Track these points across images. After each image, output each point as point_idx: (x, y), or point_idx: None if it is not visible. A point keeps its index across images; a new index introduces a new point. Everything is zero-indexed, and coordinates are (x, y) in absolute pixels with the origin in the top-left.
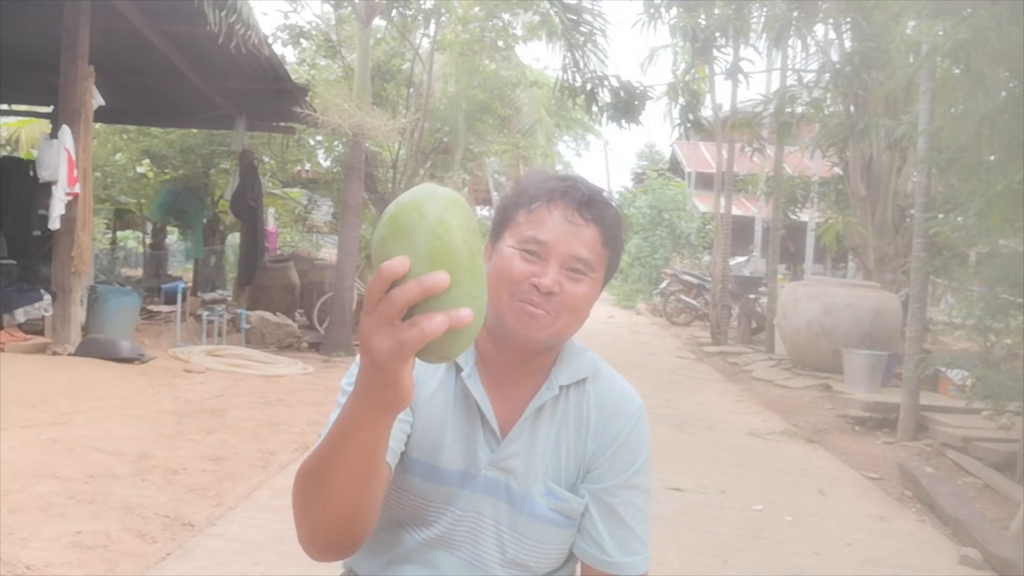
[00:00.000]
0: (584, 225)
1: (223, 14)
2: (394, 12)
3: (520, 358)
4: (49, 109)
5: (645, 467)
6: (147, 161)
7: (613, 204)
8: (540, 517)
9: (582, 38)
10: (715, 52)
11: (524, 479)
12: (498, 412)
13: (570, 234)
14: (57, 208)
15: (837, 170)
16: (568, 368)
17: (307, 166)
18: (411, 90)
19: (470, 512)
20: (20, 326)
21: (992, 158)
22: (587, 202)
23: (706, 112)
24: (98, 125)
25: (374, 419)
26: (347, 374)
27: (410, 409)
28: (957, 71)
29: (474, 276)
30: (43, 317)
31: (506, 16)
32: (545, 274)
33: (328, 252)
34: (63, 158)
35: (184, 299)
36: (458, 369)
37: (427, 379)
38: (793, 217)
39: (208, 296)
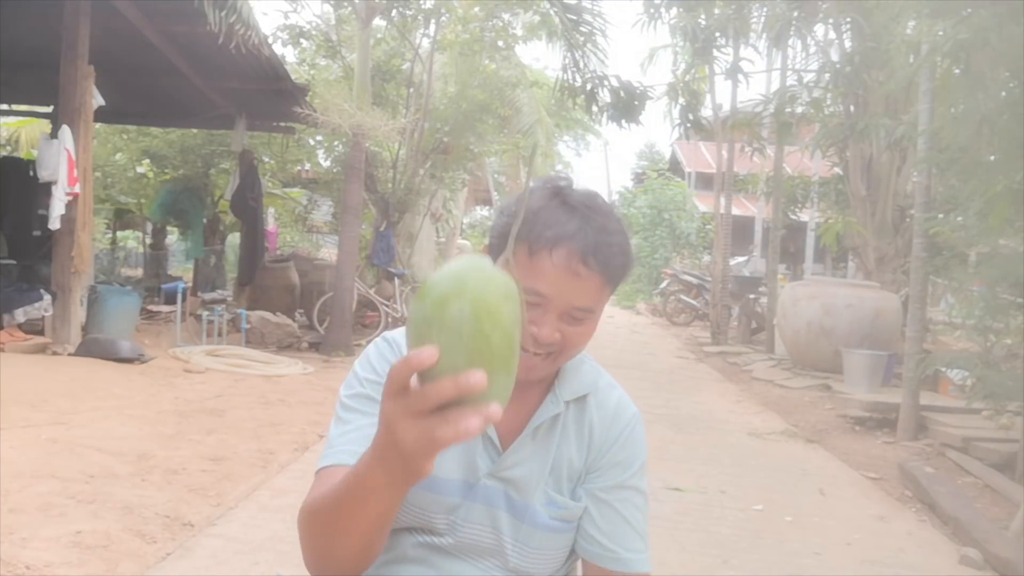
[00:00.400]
0: (588, 277)
1: (223, 14)
2: (394, 12)
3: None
4: (49, 109)
5: (642, 471)
6: (147, 161)
7: (620, 240)
8: (541, 526)
9: (582, 38)
10: (715, 52)
11: (525, 490)
12: (497, 424)
13: (572, 286)
14: (57, 208)
15: (837, 170)
16: (571, 384)
17: (307, 166)
18: (411, 90)
19: (471, 522)
20: (20, 326)
21: (992, 158)
22: (593, 251)
23: (706, 112)
24: (98, 125)
25: (391, 490)
26: (345, 384)
27: None
28: (957, 71)
29: (510, 371)
30: (43, 317)
31: (506, 16)
32: (544, 324)
33: (328, 252)
34: (63, 158)
35: (184, 299)
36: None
37: None
38: (793, 217)
39: (208, 296)
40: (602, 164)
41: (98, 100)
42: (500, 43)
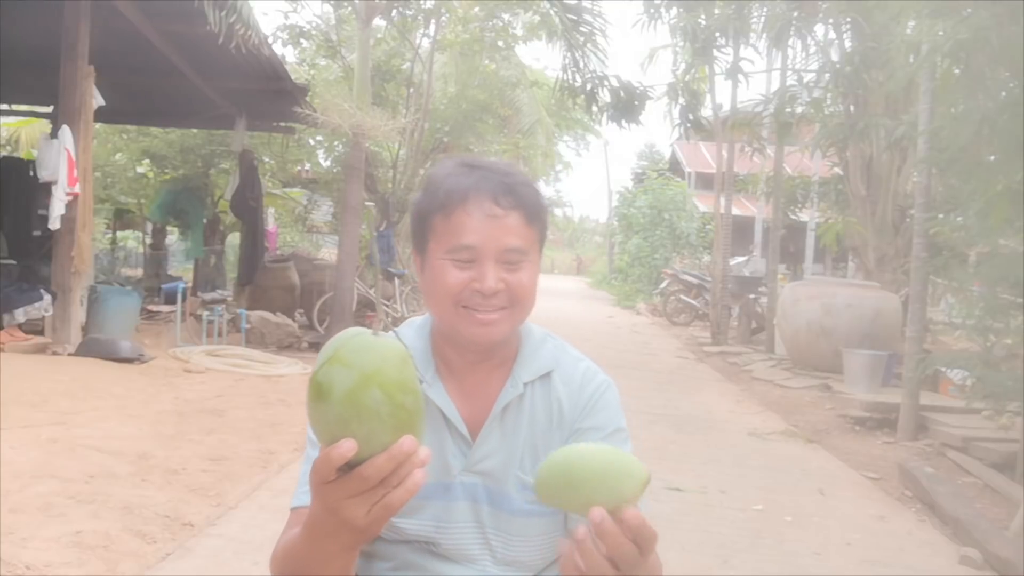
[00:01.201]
0: (505, 214)
1: (223, 14)
2: (394, 12)
3: (480, 356)
4: (49, 109)
5: (620, 437)
6: (147, 161)
7: (526, 179)
8: (517, 511)
9: (582, 38)
10: (715, 52)
11: (500, 478)
12: (464, 414)
13: (495, 228)
14: (57, 208)
15: (837, 170)
16: (530, 363)
17: (307, 166)
18: (411, 90)
19: (454, 522)
20: (20, 326)
21: (992, 158)
22: (499, 190)
23: (706, 112)
24: (98, 125)
25: (349, 554)
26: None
27: None
28: (957, 71)
29: (423, 415)
30: (43, 317)
31: (506, 16)
32: (484, 277)
33: (328, 252)
34: (63, 158)
35: (184, 299)
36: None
37: None
38: (793, 217)
39: (208, 296)
40: (602, 164)
41: (98, 100)
42: (500, 43)
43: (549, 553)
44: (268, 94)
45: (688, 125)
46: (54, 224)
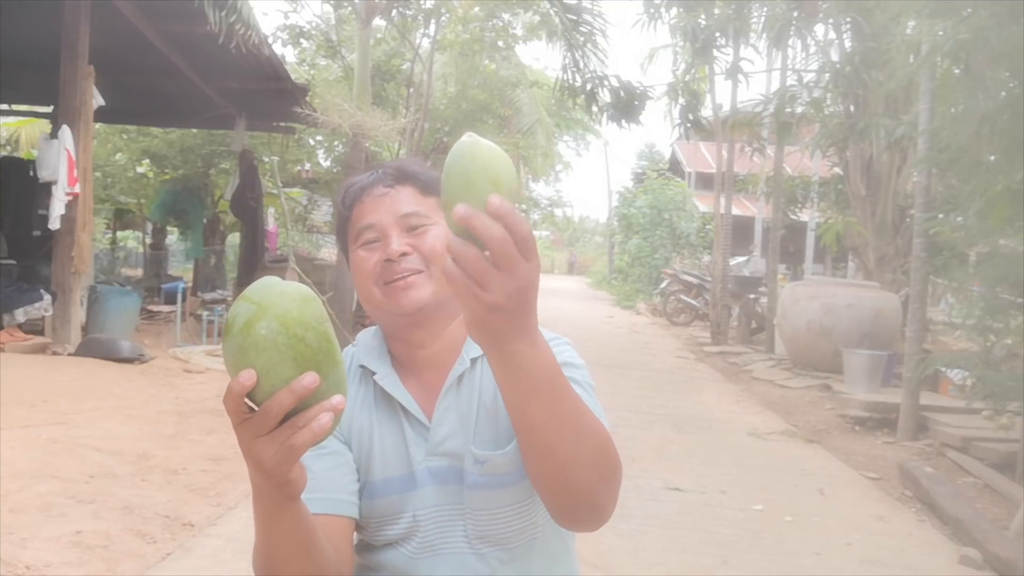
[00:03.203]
0: (392, 190)
1: (223, 14)
2: (394, 12)
3: (426, 338)
4: (49, 109)
5: (573, 368)
6: (147, 161)
7: (415, 162)
8: (476, 485)
9: (582, 38)
10: (715, 52)
11: (460, 455)
12: (420, 400)
13: (385, 203)
14: (57, 208)
15: (837, 170)
16: None
17: (307, 166)
18: (411, 90)
19: (426, 508)
20: (20, 326)
21: (992, 158)
22: (382, 176)
23: (706, 112)
24: (98, 125)
25: (282, 510)
26: None
27: (345, 444)
28: (957, 71)
29: (336, 362)
30: (43, 317)
31: (506, 16)
32: (387, 243)
33: (328, 252)
34: (63, 158)
35: (184, 299)
36: (372, 373)
37: (349, 404)
38: (793, 217)
39: (208, 296)
40: (602, 164)
41: (98, 100)
42: (500, 43)
43: (520, 524)
44: (268, 94)
45: (688, 125)
46: (54, 224)
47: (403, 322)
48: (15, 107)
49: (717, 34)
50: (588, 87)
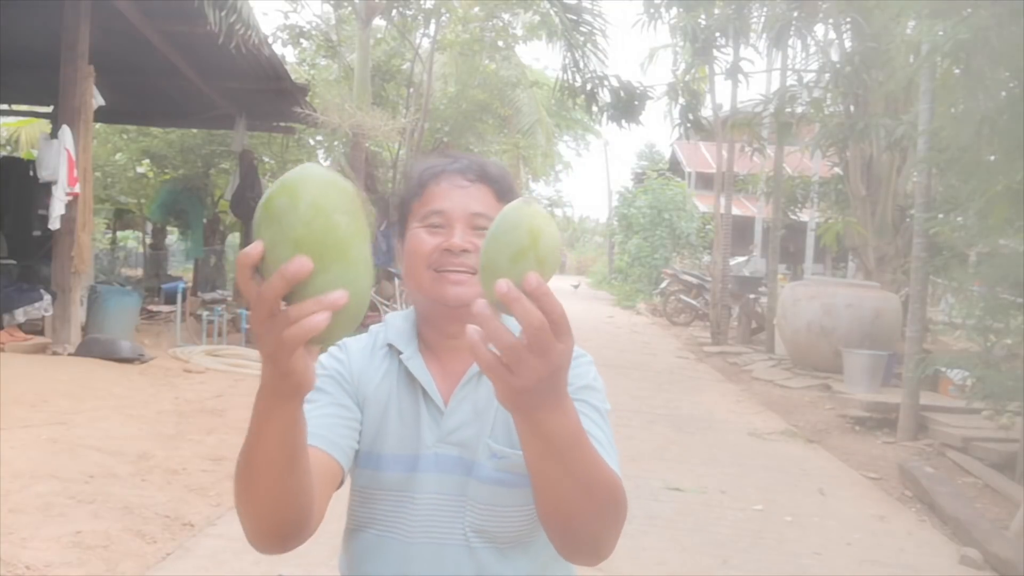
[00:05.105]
0: (471, 185)
1: (223, 14)
2: (394, 12)
3: (460, 331)
4: (49, 109)
5: (591, 393)
6: (147, 161)
7: (496, 163)
8: (487, 479)
9: (582, 38)
10: (715, 52)
11: (473, 447)
12: (442, 387)
13: (462, 196)
14: (57, 208)
15: (837, 170)
16: None
17: None
18: (411, 90)
19: (426, 492)
20: (20, 326)
21: (992, 158)
22: (466, 167)
23: (706, 112)
24: (98, 125)
25: (279, 408)
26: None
27: (358, 406)
28: (957, 71)
29: (348, 259)
30: (43, 317)
31: (506, 16)
32: (452, 235)
33: None
34: (63, 158)
35: (184, 299)
36: (399, 353)
37: (372, 372)
38: (793, 217)
39: (208, 296)
40: (602, 164)
41: (98, 100)
42: (500, 43)
43: (519, 525)
44: (268, 94)
45: (688, 125)
46: (54, 224)
47: (442, 311)
48: (15, 107)
49: (717, 34)
50: (588, 87)
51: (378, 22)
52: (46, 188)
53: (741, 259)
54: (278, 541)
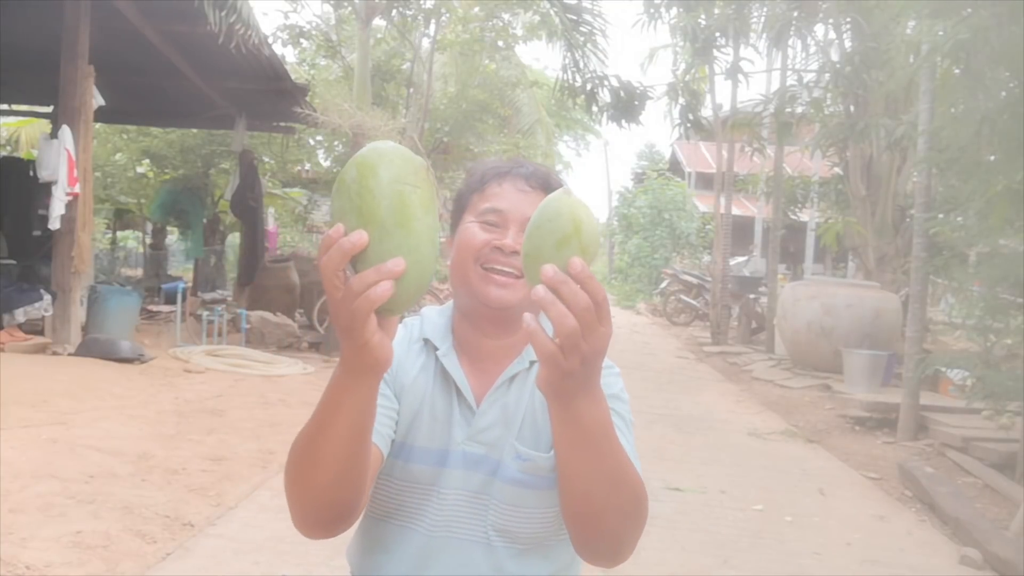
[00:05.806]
0: (532, 192)
1: (223, 14)
2: (394, 12)
3: (496, 331)
4: (49, 109)
5: (617, 402)
6: (147, 161)
7: (554, 175)
8: (510, 480)
9: (582, 38)
10: (715, 52)
11: (500, 447)
12: (474, 386)
13: (522, 200)
14: (57, 208)
15: (837, 170)
16: None
17: (307, 166)
18: (411, 90)
19: (451, 488)
20: (20, 326)
21: (992, 158)
22: (531, 174)
23: (706, 112)
24: (98, 125)
25: (356, 384)
26: None
27: (395, 396)
28: (957, 71)
29: (406, 227)
30: (43, 317)
31: (506, 16)
32: (506, 235)
33: None
34: (63, 158)
35: (184, 299)
36: (435, 348)
37: (409, 364)
38: (793, 217)
39: (208, 296)
40: (602, 164)
41: (98, 100)
42: (500, 43)
43: (540, 527)
44: (268, 94)
45: (688, 125)
46: (54, 224)
47: (481, 310)
48: (15, 107)
49: (717, 34)
50: (588, 87)
51: (378, 22)
52: (46, 188)
53: (741, 259)
54: (330, 524)
